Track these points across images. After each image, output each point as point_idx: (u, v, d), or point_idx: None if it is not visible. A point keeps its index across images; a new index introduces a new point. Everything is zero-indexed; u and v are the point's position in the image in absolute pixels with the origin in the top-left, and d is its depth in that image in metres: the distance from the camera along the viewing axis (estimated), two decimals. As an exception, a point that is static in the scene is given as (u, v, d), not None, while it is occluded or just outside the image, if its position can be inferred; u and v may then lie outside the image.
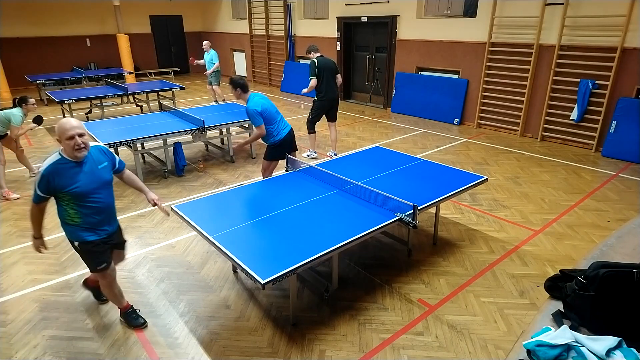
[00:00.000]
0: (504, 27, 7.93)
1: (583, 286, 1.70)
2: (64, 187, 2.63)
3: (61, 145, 2.63)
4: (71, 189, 2.65)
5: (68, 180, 2.64)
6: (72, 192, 2.66)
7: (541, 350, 1.50)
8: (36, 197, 2.65)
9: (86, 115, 9.59)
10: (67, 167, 2.64)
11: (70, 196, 2.66)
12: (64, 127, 2.58)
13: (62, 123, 2.61)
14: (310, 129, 6.76)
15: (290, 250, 2.83)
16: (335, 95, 6.55)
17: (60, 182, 2.62)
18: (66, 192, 2.64)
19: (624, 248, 2.18)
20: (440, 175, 4.20)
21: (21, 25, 13.32)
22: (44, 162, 2.62)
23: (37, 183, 2.61)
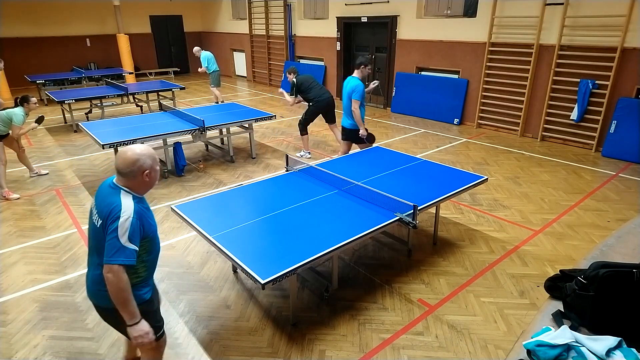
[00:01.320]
0: (504, 27, 7.93)
1: (583, 286, 1.70)
2: (148, 232, 2.06)
3: (126, 181, 2.02)
4: (152, 230, 2.10)
5: (150, 220, 2.09)
6: (152, 234, 2.10)
7: (541, 350, 1.50)
8: (133, 254, 1.93)
9: (86, 115, 9.59)
10: (142, 205, 2.07)
11: (148, 241, 2.08)
12: (141, 160, 1.99)
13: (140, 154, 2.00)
14: (302, 130, 6.84)
15: (290, 250, 2.83)
16: (327, 96, 6.74)
17: (146, 226, 2.04)
18: (147, 237, 2.06)
19: (624, 248, 2.18)
20: (440, 175, 4.20)
21: (21, 25, 13.32)
22: (120, 207, 1.94)
23: (129, 233, 1.91)
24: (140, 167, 2.00)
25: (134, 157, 1.99)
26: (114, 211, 1.93)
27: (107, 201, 1.99)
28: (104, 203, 2.00)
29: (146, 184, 2.07)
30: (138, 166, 1.99)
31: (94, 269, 2.09)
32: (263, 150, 7.31)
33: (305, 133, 6.84)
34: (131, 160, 1.98)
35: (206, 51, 10.29)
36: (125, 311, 1.97)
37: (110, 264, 1.89)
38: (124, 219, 1.92)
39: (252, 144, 6.87)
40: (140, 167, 2.00)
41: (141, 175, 2.02)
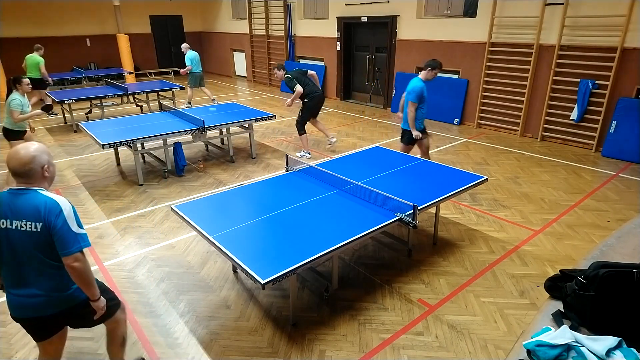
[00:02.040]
0: (504, 27, 7.93)
1: (583, 286, 1.70)
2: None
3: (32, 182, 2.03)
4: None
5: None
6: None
7: (541, 350, 1.50)
8: (85, 237, 2.05)
9: (86, 115, 9.59)
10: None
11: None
12: (42, 154, 2.05)
13: (35, 151, 2.02)
14: (301, 130, 6.84)
15: (290, 250, 2.83)
16: (321, 91, 6.88)
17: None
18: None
19: (624, 248, 2.18)
20: (440, 175, 4.20)
21: (21, 25, 13.32)
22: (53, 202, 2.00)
23: (76, 221, 2.03)
24: (39, 163, 2.00)
25: (29, 155, 1.98)
26: (52, 208, 1.96)
27: (33, 204, 1.97)
28: (28, 208, 1.97)
29: (47, 179, 2.08)
30: (36, 162, 1.99)
31: (46, 279, 2.05)
32: (263, 150, 7.31)
33: (304, 132, 6.84)
34: (27, 159, 1.97)
35: (193, 51, 10.28)
36: (91, 290, 2.09)
37: (74, 252, 1.97)
38: (67, 210, 1.99)
39: (252, 144, 6.87)
40: (38, 162, 2.00)
41: (41, 170, 2.02)
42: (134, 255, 4.10)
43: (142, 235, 4.48)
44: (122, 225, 4.70)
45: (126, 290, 3.56)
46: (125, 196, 5.45)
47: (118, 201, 5.30)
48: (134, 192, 5.59)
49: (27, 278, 2.05)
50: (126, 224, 4.73)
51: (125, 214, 4.97)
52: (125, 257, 4.09)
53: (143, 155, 6.80)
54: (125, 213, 4.98)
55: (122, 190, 5.63)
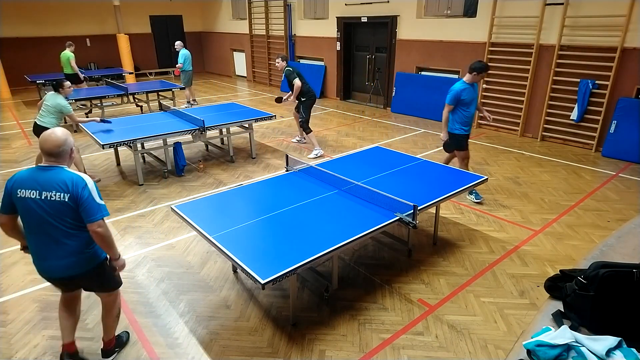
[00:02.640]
0: (504, 27, 7.93)
1: (583, 286, 1.70)
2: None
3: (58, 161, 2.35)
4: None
5: None
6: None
7: (541, 350, 1.50)
8: (105, 208, 2.37)
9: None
10: None
11: None
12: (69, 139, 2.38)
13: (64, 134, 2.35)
14: (307, 129, 6.87)
15: (290, 250, 2.83)
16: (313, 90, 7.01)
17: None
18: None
19: (624, 248, 2.18)
20: (440, 175, 4.20)
21: (21, 25, 13.33)
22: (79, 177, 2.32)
23: (99, 195, 2.34)
24: (69, 145, 2.37)
25: (63, 137, 2.34)
26: (77, 181, 2.30)
27: (60, 178, 2.29)
28: (55, 182, 2.28)
29: (71, 160, 2.45)
30: (67, 144, 2.36)
31: (64, 245, 2.36)
32: (263, 150, 7.31)
33: (310, 130, 6.91)
34: (62, 141, 2.32)
35: (186, 49, 10.36)
36: (113, 250, 2.43)
37: (98, 219, 2.30)
38: (91, 184, 2.33)
39: (252, 144, 6.87)
40: (68, 144, 2.37)
41: (70, 152, 2.39)
42: (134, 255, 4.10)
43: (142, 235, 4.48)
44: (122, 225, 4.70)
45: (126, 290, 3.56)
46: (125, 196, 5.45)
47: (118, 201, 5.30)
48: (134, 192, 5.59)
49: (48, 246, 2.37)
50: (126, 224, 4.73)
51: (125, 214, 4.97)
52: (125, 257, 4.08)
53: (143, 155, 6.80)
54: (125, 213, 4.98)
55: (122, 190, 5.63)
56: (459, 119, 5.09)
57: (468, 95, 4.93)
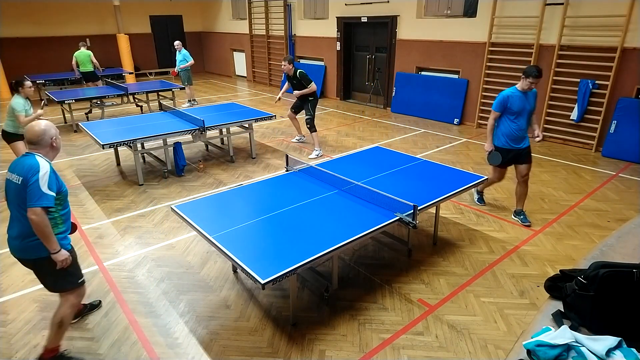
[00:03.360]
0: (504, 27, 7.93)
1: (583, 286, 1.70)
2: (62, 186, 2.56)
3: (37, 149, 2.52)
4: (64, 187, 2.60)
5: (60, 179, 2.59)
6: (65, 191, 2.60)
7: (541, 350, 1.50)
8: (52, 199, 2.42)
9: (86, 115, 9.59)
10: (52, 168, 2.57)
11: (62, 196, 2.58)
12: (48, 130, 2.54)
13: (46, 126, 2.54)
14: (313, 128, 6.93)
15: (290, 250, 2.83)
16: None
17: (60, 181, 2.55)
18: (62, 192, 2.56)
19: (624, 248, 2.18)
20: (440, 175, 4.20)
21: (21, 25, 13.32)
22: (37, 165, 2.42)
23: (48, 183, 2.40)
24: (48, 135, 2.54)
25: (42, 127, 2.53)
26: (34, 167, 2.42)
27: (26, 163, 2.46)
28: (22, 166, 2.47)
29: (54, 150, 2.61)
30: (47, 134, 2.54)
31: (19, 225, 2.51)
32: (263, 150, 7.31)
33: (316, 130, 6.99)
34: (41, 130, 2.52)
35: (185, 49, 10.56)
36: (49, 242, 2.46)
37: (34, 207, 2.36)
38: (43, 172, 2.41)
39: (252, 144, 6.87)
40: (48, 135, 2.54)
41: (50, 141, 2.55)
42: (134, 255, 4.10)
43: (142, 235, 4.48)
44: (122, 225, 4.70)
45: (126, 290, 3.56)
46: (125, 196, 5.45)
47: (118, 201, 5.30)
48: (134, 192, 5.59)
49: (13, 224, 2.56)
50: (126, 224, 4.73)
51: (125, 214, 4.97)
52: (125, 257, 4.09)
53: (143, 155, 6.80)
54: (125, 213, 4.98)
55: (122, 190, 5.63)
56: (505, 129, 4.48)
57: (516, 104, 4.31)
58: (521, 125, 4.40)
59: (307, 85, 6.70)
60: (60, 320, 2.67)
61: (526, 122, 4.44)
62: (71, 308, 2.70)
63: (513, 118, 4.38)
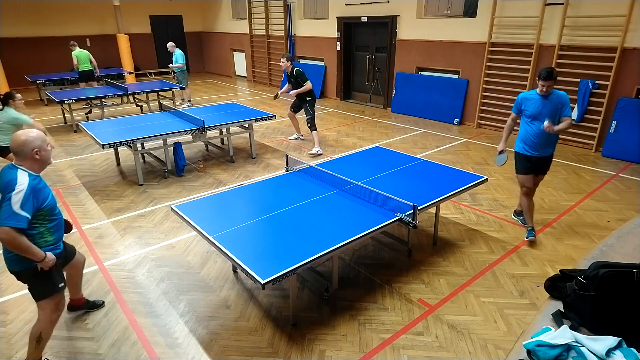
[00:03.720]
0: (504, 27, 7.93)
1: (583, 286, 1.70)
2: (42, 203, 2.42)
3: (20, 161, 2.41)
4: (47, 203, 2.47)
5: (44, 194, 2.46)
6: (49, 206, 2.48)
7: (541, 350, 1.50)
8: (24, 220, 2.29)
9: (86, 115, 9.59)
10: (37, 182, 2.44)
11: (45, 212, 2.47)
12: (30, 141, 2.40)
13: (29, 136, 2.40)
14: (313, 127, 7.01)
15: (290, 250, 2.83)
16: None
17: (39, 198, 2.40)
18: (43, 208, 2.44)
19: (624, 248, 2.18)
20: (440, 175, 4.20)
21: (21, 25, 13.32)
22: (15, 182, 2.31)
23: (20, 204, 2.27)
24: (29, 146, 2.40)
25: (23, 138, 2.40)
26: (11, 184, 2.31)
27: (6, 177, 2.37)
28: (2, 179, 2.38)
29: (39, 162, 2.47)
30: (27, 146, 2.40)
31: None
32: (263, 150, 7.31)
33: (316, 128, 7.08)
34: (21, 141, 2.39)
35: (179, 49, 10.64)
36: (31, 255, 2.39)
37: (1, 225, 2.25)
38: (18, 190, 2.29)
39: (252, 144, 6.87)
40: (29, 146, 2.40)
41: (31, 153, 2.41)
42: (134, 255, 4.10)
43: (142, 235, 4.48)
44: (122, 225, 4.70)
45: (126, 290, 3.56)
46: (125, 196, 5.45)
47: (118, 201, 5.30)
48: (134, 192, 5.59)
49: None
50: (126, 224, 4.73)
51: (125, 214, 4.97)
52: (125, 257, 4.09)
53: (143, 155, 6.80)
54: (125, 213, 4.98)
55: (122, 190, 5.63)
56: (521, 132, 4.24)
57: (531, 107, 4.03)
58: (536, 129, 4.04)
59: (303, 83, 6.81)
60: (38, 335, 2.62)
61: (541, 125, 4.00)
62: (49, 324, 2.65)
63: (529, 121, 4.11)
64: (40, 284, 2.57)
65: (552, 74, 3.86)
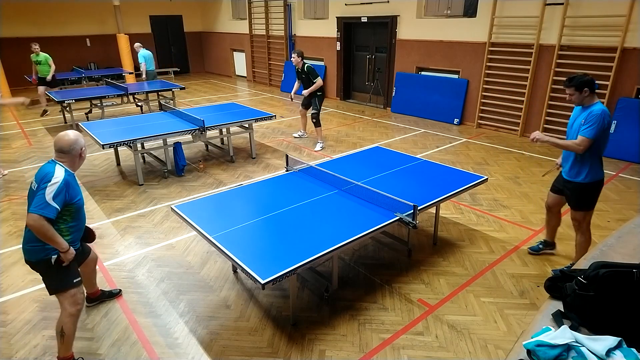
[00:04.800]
0: (504, 27, 7.93)
1: (583, 286, 1.70)
2: (72, 199, 2.56)
3: (64, 158, 2.59)
4: (77, 200, 2.60)
5: (76, 191, 2.60)
6: (77, 204, 2.61)
7: (541, 350, 1.50)
8: (53, 211, 2.43)
9: (86, 115, 9.59)
10: (72, 178, 2.60)
11: (73, 209, 2.60)
12: (79, 140, 2.62)
13: (75, 136, 2.61)
14: (319, 123, 7.16)
15: (290, 250, 2.83)
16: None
17: (71, 194, 2.54)
18: (72, 204, 2.57)
19: (624, 248, 2.18)
20: (440, 175, 4.20)
21: (21, 25, 13.32)
22: (52, 174, 2.47)
23: (53, 195, 2.42)
24: (79, 145, 2.62)
25: (74, 137, 2.61)
26: (48, 176, 2.48)
27: (45, 170, 2.54)
28: (41, 172, 2.55)
29: (80, 161, 2.69)
30: (77, 145, 2.61)
31: (27, 230, 2.57)
32: (263, 150, 7.31)
33: (320, 125, 7.21)
34: (69, 142, 2.59)
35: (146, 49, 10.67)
36: (55, 244, 2.50)
37: (32, 213, 2.40)
38: (54, 182, 2.45)
39: (252, 144, 6.87)
40: (78, 145, 2.62)
41: (80, 151, 2.64)
42: (134, 255, 4.10)
43: (142, 235, 4.48)
44: (122, 225, 4.70)
45: (126, 290, 3.56)
46: (125, 196, 5.45)
47: (118, 201, 5.30)
48: (134, 192, 5.59)
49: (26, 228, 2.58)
50: (126, 224, 4.73)
51: (125, 214, 4.97)
52: (125, 257, 4.09)
53: (143, 155, 6.80)
54: (125, 213, 4.98)
55: (122, 190, 5.63)
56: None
57: (571, 116, 3.69)
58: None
59: (314, 79, 6.96)
60: (60, 329, 2.68)
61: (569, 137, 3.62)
62: (68, 318, 2.68)
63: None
64: (56, 277, 2.65)
65: (573, 79, 3.43)
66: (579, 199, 3.53)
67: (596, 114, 3.33)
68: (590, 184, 3.42)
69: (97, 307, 3.36)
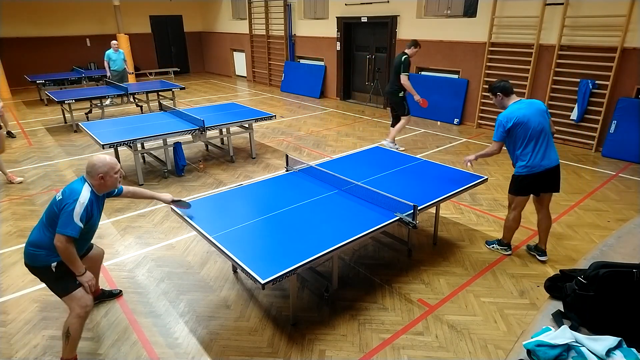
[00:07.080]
0: (504, 27, 7.93)
1: (583, 286, 1.70)
2: (90, 218, 2.62)
3: (88, 177, 2.65)
4: (92, 220, 2.67)
5: (94, 211, 2.68)
6: (92, 223, 2.68)
7: (541, 350, 1.50)
8: (77, 230, 2.51)
9: (86, 115, 9.59)
10: (95, 198, 2.68)
11: (87, 227, 2.63)
12: (112, 163, 2.68)
13: (97, 161, 2.65)
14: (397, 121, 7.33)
15: (290, 250, 2.83)
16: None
17: (91, 212, 2.62)
18: (88, 222, 2.62)
19: (624, 248, 2.18)
20: (440, 175, 4.20)
21: (21, 25, 13.32)
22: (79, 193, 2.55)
23: (80, 216, 2.51)
24: (96, 171, 2.64)
25: (92, 162, 2.66)
26: (74, 194, 2.55)
27: (74, 186, 2.61)
28: (69, 186, 2.62)
29: (102, 185, 2.70)
30: (95, 170, 2.64)
31: (36, 232, 2.64)
32: (263, 150, 7.31)
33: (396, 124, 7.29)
34: (91, 164, 2.66)
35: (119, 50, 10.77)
36: (74, 267, 2.59)
37: (61, 234, 2.47)
38: (81, 203, 2.52)
39: (252, 144, 6.87)
40: (96, 170, 2.64)
41: (97, 176, 2.65)
42: (134, 255, 4.10)
43: (142, 235, 4.48)
44: (122, 225, 4.70)
45: (126, 291, 3.56)
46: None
47: (118, 201, 5.30)
48: (134, 192, 5.58)
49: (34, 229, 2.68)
50: (126, 224, 4.73)
51: (125, 214, 4.97)
52: (125, 257, 4.09)
53: (143, 155, 6.80)
54: (125, 213, 4.98)
55: (122, 190, 5.63)
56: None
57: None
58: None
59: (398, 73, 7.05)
60: (66, 330, 2.67)
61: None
62: (76, 319, 2.66)
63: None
64: (55, 282, 2.69)
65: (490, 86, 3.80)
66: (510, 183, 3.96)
67: (497, 120, 3.70)
68: (514, 175, 3.85)
69: (97, 307, 3.36)
